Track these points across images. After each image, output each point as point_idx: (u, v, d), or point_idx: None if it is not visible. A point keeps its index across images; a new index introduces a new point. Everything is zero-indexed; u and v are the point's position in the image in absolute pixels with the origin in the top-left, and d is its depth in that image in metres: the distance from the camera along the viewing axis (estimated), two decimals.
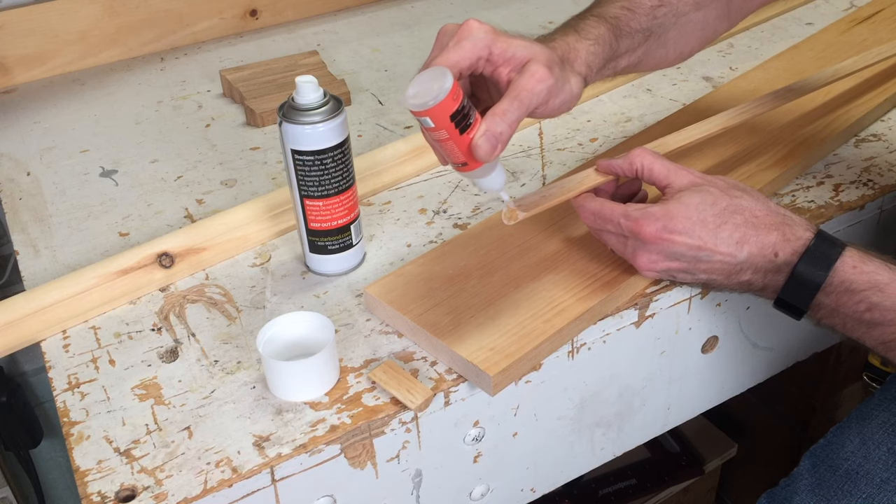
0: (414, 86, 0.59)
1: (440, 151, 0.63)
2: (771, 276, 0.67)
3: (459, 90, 0.59)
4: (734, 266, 0.66)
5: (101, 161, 0.98)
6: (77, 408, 0.66)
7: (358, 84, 1.11)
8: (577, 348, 0.71)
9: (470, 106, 0.60)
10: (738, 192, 0.68)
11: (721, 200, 0.67)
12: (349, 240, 0.76)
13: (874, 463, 0.73)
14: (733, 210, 0.67)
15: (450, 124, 0.59)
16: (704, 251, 0.66)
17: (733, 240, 0.66)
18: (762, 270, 0.66)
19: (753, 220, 0.66)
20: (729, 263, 0.66)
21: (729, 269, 0.67)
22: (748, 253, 0.66)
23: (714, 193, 0.67)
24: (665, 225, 0.66)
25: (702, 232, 0.66)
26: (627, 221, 0.67)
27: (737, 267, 0.66)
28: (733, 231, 0.66)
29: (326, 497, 0.64)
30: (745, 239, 0.66)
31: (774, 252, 0.66)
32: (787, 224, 0.67)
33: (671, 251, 0.66)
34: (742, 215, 0.66)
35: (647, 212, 0.66)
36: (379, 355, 0.69)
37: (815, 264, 0.65)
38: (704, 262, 0.67)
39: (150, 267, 0.77)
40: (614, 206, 0.68)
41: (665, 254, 0.67)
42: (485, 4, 1.31)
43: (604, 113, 1.01)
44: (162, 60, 1.20)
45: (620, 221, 0.67)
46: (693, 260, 0.67)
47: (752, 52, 1.12)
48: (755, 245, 0.66)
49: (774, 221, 0.67)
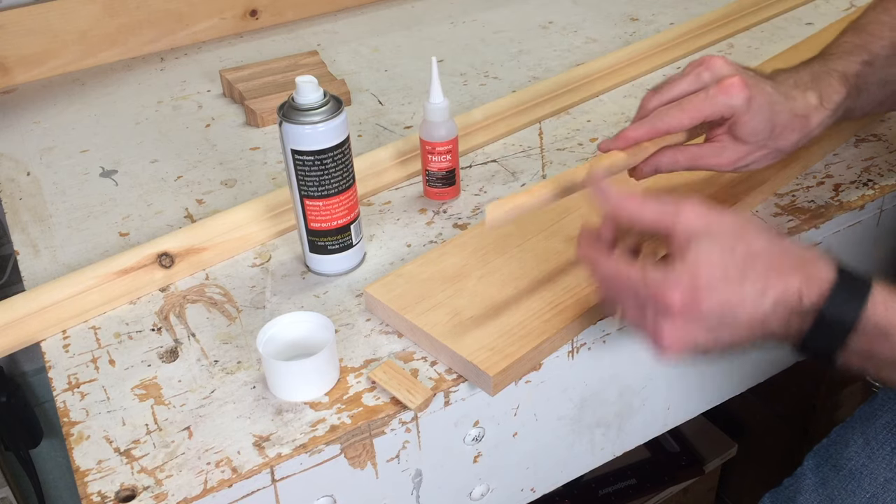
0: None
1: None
2: (795, 323, 0.59)
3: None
4: (759, 320, 0.58)
5: (101, 161, 0.98)
6: (77, 408, 0.66)
7: (358, 84, 1.11)
8: (577, 348, 0.71)
9: None
10: (752, 233, 0.60)
11: (738, 246, 0.58)
12: (349, 240, 0.76)
13: (878, 463, 0.73)
14: (753, 256, 0.58)
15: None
16: (730, 311, 0.58)
17: (757, 291, 0.58)
18: (786, 319, 0.59)
19: (774, 264, 0.59)
20: (754, 318, 0.58)
21: (753, 324, 0.58)
22: (773, 302, 0.58)
23: (729, 239, 0.59)
24: (693, 287, 0.57)
25: (727, 289, 0.57)
26: (648, 290, 0.58)
27: (760, 320, 0.58)
28: (756, 281, 0.58)
29: (326, 497, 0.64)
30: (767, 288, 0.58)
31: (799, 297, 0.58)
32: (807, 263, 0.59)
33: (697, 317, 0.58)
34: (762, 261, 0.58)
35: (669, 276, 0.58)
36: (379, 355, 0.69)
37: (844, 305, 0.58)
38: (729, 325, 0.58)
39: (150, 267, 0.77)
40: (631, 271, 0.59)
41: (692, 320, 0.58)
42: (485, 4, 1.31)
43: (604, 113, 1.01)
44: (162, 60, 1.20)
45: (639, 290, 0.59)
46: (719, 324, 0.58)
47: (752, 52, 1.12)
48: (779, 292, 0.58)
49: (794, 262, 0.59)
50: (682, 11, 1.26)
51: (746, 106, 0.66)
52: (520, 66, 1.13)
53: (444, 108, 0.81)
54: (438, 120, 0.81)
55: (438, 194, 0.85)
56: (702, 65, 0.69)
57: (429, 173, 0.84)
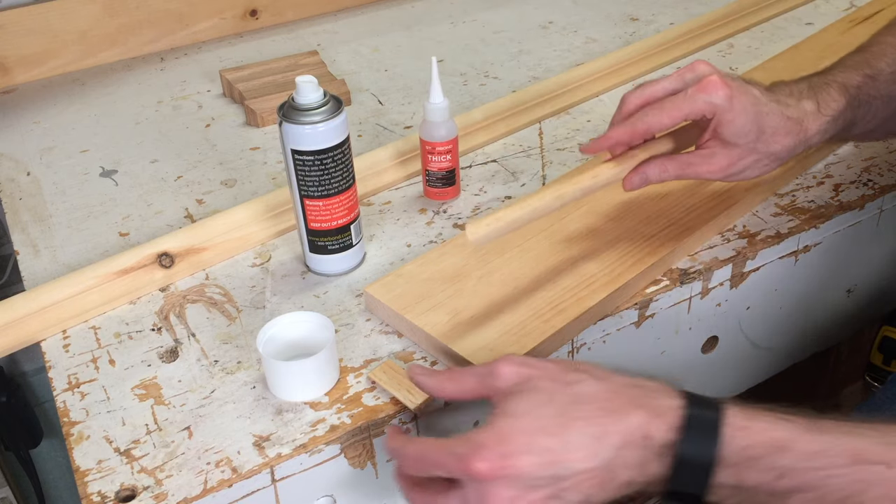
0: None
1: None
2: (653, 467, 0.52)
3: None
4: (602, 470, 0.52)
5: (101, 161, 0.98)
6: (77, 408, 0.66)
7: (358, 84, 1.11)
8: (577, 348, 0.71)
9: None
10: (576, 376, 0.55)
11: (557, 395, 0.53)
12: (349, 240, 0.76)
13: None
14: (576, 401, 0.53)
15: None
16: (559, 465, 0.51)
17: (588, 437, 0.52)
18: (638, 463, 0.52)
19: (605, 404, 0.53)
20: (594, 469, 0.51)
21: (598, 475, 0.52)
22: (612, 447, 0.52)
23: (546, 389, 0.54)
24: (500, 452, 0.51)
25: (547, 443, 0.52)
26: (456, 462, 0.52)
27: (606, 470, 0.52)
28: (585, 426, 0.52)
29: (326, 497, 0.64)
30: (603, 432, 0.52)
31: (644, 435, 0.52)
32: (647, 396, 0.53)
33: (522, 481, 0.51)
34: (589, 405, 0.53)
35: (473, 442, 0.52)
36: (379, 355, 0.69)
37: (701, 436, 0.51)
38: (567, 480, 0.52)
39: (150, 267, 0.77)
40: (439, 445, 0.54)
41: (517, 486, 0.51)
42: (485, 4, 1.31)
43: (604, 113, 1.01)
44: (162, 60, 1.20)
45: (449, 463, 0.53)
46: (553, 481, 0.52)
47: (752, 52, 1.12)
48: (617, 435, 0.52)
49: (631, 397, 0.53)
50: (682, 11, 1.26)
51: (728, 104, 0.65)
52: (520, 66, 1.13)
53: (444, 108, 0.81)
54: (438, 120, 0.81)
55: (438, 194, 0.85)
56: (686, 68, 0.69)
57: (429, 173, 0.84)
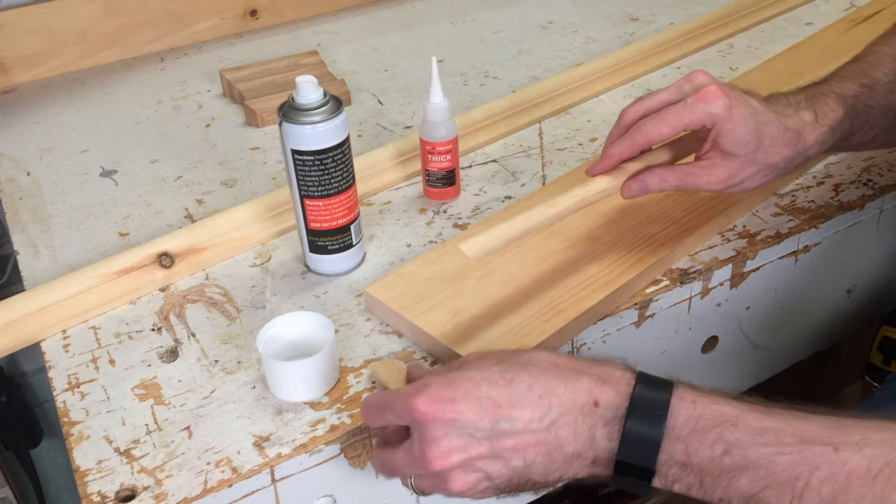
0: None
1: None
2: (601, 440, 0.51)
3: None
4: (546, 434, 0.51)
5: (101, 161, 0.98)
6: (77, 408, 0.66)
7: (358, 84, 1.11)
8: (577, 348, 0.71)
9: None
10: (530, 350, 0.55)
11: (508, 357, 0.54)
12: (349, 240, 0.76)
13: None
14: (524, 363, 0.53)
15: None
16: (502, 417, 0.51)
17: (534, 394, 0.51)
18: (585, 432, 0.51)
19: (553, 367, 0.53)
20: (537, 432, 0.51)
21: (542, 439, 0.51)
22: (558, 408, 0.51)
23: (499, 353, 0.55)
24: (444, 395, 0.51)
25: (491, 392, 0.51)
26: (401, 402, 0.53)
27: (551, 435, 0.51)
28: (532, 383, 0.52)
29: (326, 497, 0.64)
30: (550, 391, 0.51)
31: (593, 400, 0.51)
32: (598, 366, 0.54)
33: (460, 427, 0.51)
34: (537, 366, 0.53)
35: (419, 384, 0.53)
36: (379, 355, 0.69)
37: (650, 406, 0.50)
38: (510, 437, 0.51)
39: (150, 267, 0.77)
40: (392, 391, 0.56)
41: (458, 434, 0.51)
42: (485, 4, 1.31)
43: (604, 113, 1.01)
44: (162, 60, 1.20)
45: (396, 405, 0.53)
46: (495, 435, 0.51)
47: (752, 52, 1.12)
48: (565, 395, 0.51)
49: (579, 365, 0.53)
50: (682, 11, 1.26)
51: (728, 114, 0.65)
52: (520, 66, 1.13)
53: (444, 108, 0.81)
54: (438, 120, 0.81)
55: (438, 194, 0.85)
56: (684, 79, 0.69)
57: (429, 173, 0.84)
